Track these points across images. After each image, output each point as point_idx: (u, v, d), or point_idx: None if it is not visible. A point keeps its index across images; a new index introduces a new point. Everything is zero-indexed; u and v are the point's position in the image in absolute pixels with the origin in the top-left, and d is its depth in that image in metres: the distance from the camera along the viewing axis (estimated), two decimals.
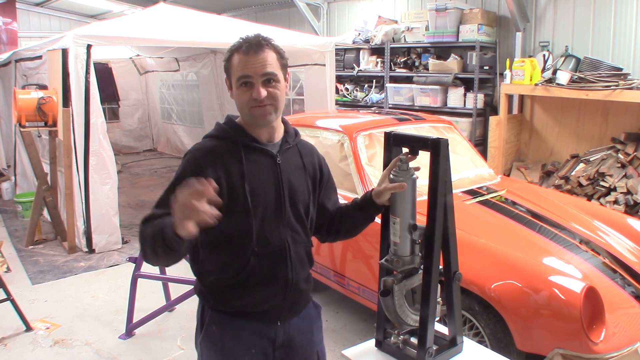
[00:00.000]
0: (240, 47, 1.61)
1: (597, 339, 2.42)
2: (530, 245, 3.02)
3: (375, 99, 7.25)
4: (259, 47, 1.59)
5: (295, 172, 1.73)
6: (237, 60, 1.60)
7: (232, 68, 1.62)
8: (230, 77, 1.64)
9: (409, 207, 1.69)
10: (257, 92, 1.58)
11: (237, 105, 1.65)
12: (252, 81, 1.58)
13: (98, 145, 4.96)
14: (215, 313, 1.69)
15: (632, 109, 5.18)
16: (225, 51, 1.68)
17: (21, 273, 4.64)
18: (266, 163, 1.67)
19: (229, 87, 1.68)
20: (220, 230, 1.56)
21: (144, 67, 10.53)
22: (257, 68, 1.57)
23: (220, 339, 1.68)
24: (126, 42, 6.67)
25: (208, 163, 1.60)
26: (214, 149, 1.65)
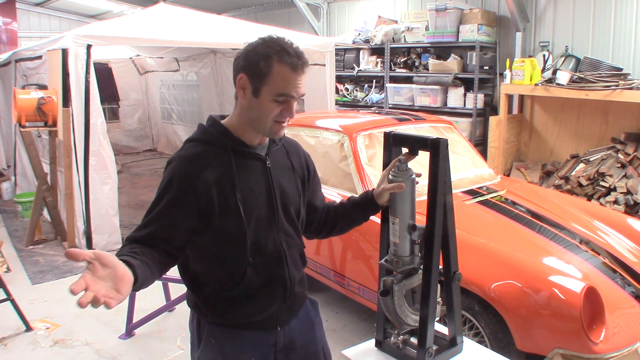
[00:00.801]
0: (286, 60, 1.47)
1: (597, 339, 2.42)
2: (530, 245, 3.02)
3: (375, 99, 7.25)
4: (304, 67, 1.50)
5: (285, 174, 1.68)
6: (282, 73, 1.47)
7: (270, 79, 1.47)
8: (260, 85, 1.49)
9: (408, 207, 1.69)
10: (292, 112, 1.53)
11: (256, 112, 1.52)
12: (289, 99, 1.51)
13: (98, 145, 4.96)
14: (212, 326, 1.63)
15: (632, 109, 5.18)
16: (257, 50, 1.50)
17: (21, 273, 4.64)
18: (256, 167, 1.60)
19: (244, 89, 1.52)
20: (213, 242, 1.55)
21: (144, 67, 10.53)
22: (298, 89, 1.50)
23: (221, 352, 1.62)
24: (126, 42, 6.67)
25: (196, 171, 1.51)
26: (201, 156, 1.54)
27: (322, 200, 1.86)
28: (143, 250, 1.44)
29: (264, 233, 1.60)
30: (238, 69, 1.53)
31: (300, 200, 1.72)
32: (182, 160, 1.54)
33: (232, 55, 8.70)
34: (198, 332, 1.66)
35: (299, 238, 1.73)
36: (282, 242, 1.64)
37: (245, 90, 1.52)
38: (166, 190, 1.51)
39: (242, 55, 1.53)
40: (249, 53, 1.51)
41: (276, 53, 1.47)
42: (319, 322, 1.86)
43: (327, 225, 1.86)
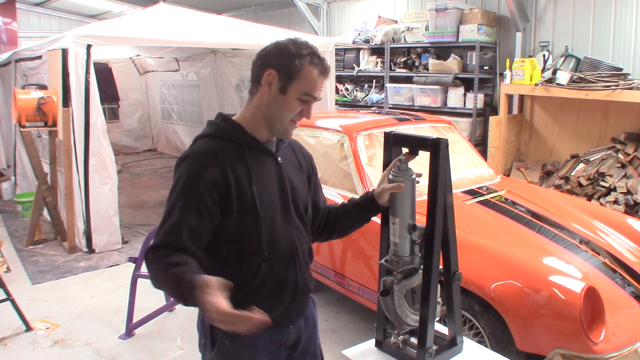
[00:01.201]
0: (316, 62, 1.53)
1: (597, 339, 2.42)
2: (530, 245, 3.02)
3: (375, 99, 7.25)
4: (328, 73, 1.58)
5: (293, 171, 1.70)
6: (312, 75, 1.53)
7: (300, 79, 1.52)
8: (289, 83, 1.53)
9: (408, 207, 1.69)
10: (309, 112, 1.59)
11: (278, 109, 1.55)
12: (310, 100, 1.56)
13: (98, 145, 4.96)
14: None
15: (632, 109, 5.18)
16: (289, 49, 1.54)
17: (21, 273, 4.64)
18: (268, 163, 1.63)
19: (269, 85, 1.54)
20: (230, 238, 1.55)
21: (144, 67, 10.52)
22: (320, 92, 1.57)
23: (235, 352, 1.63)
24: (126, 42, 6.67)
25: (214, 166, 1.51)
26: (217, 150, 1.55)
27: (324, 201, 1.87)
28: (193, 263, 1.44)
29: (278, 228, 1.61)
30: (265, 65, 1.55)
31: (308, 197, 1.75)
32: (199, 156, 1.54)
33: (232, 55, 8.75)
34: (211, 334, 1.66)
35: (308, 233, 1.74)
36: (294, 238, 1.65)
37: (271, 86, 1.55)
38: (187, 187, 1.50)
39: (272, 52, 1.56)
40: (280, 51, 1.54)
41: (308, 55, 1.53)
42: (316, 320, 1.87)
43: (328, 227, 1.86)
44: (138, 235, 5.55)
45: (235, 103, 8.50)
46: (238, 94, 8.40)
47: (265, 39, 6.76)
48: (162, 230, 1.50)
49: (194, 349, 3.41)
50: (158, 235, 1.50)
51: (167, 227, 1.49)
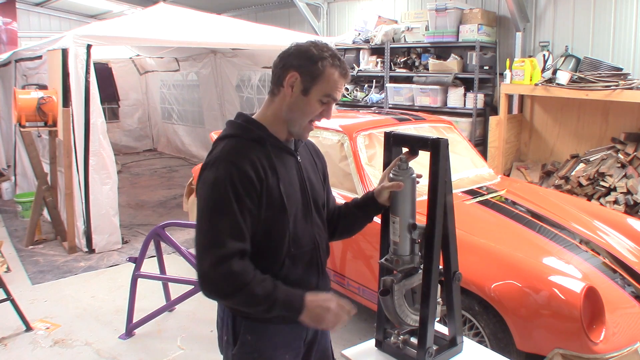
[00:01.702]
0: (337, 64, 1.57)
1: (597, 339, 2.42)
2: (530, 245, 3.02)
3: (375, 99, 7.25)
4: (349, 75, 1.63)
5: (311, 169, 1.76)
6: (334, 77, 1.57)
7: (322, 80, 1.56)
8: (311, 85, 1.56)
9: (408, 207, 1.69)
10: (330, 114, 1.63)
11: (299, 110, 1.58)
12: (330, 101, 1.60)
13: (98, 145, 4.96)
14: (250, 322, 1.64)
15: (632, 109, 5.17)
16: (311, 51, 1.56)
17: (21, 273, 4.64)
18: (290, 162, 1.66)
19: (292, 87, 1.57)
20: (258, 235, 1.57)
21: (144, 67, 10.53)
22: (340, 93, 1.61)
23: (257, 348, 1.65)
24: (126, 42, 6.68)
25: (246, 164, 1.52)
26: (246, 150, 1.56)
27: (333, 202, 1.91)
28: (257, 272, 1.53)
29: (301, 225, 1.65)
30: (288, 67, 1.57)
31: (324, 195, 1.81)
32: (230, 156, 1.53)
33: (232, 55, 8.74)
34: (234, 331, 1.67)
35: (326, 230, 1.79)
36: (315, 235, 1.70)
37: (294, 87, 1.57)
38: (227, 190, 1.48)
39: (294, 54, 1.58)
40: (302, 54, 1.57)
41: (330, 57, 1.57)
42: None
43: (331, 227, 1.86)
44: (138, 235, 5.55)
45: (235, 103, 8.50)
46: (238, 94, 8.40)
47: (265, 39, 6.73)
48: (212, 240, 1.48)
49: (193, 349, 3.43)
50: (210, 248, 1.48)
51: (225, 235, 1.48)
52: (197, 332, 3.63)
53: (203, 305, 3.93)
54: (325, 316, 1.52)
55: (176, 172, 8.92)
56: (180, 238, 5.27)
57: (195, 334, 3.61)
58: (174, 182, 8.19)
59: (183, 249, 3.57)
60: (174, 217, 5.72)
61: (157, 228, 3.56)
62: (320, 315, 1.52)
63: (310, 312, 1.51)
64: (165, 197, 7.28)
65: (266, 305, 1.50)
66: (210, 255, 1.47)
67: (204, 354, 3.38)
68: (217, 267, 1.46)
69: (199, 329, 3.68)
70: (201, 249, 1.50)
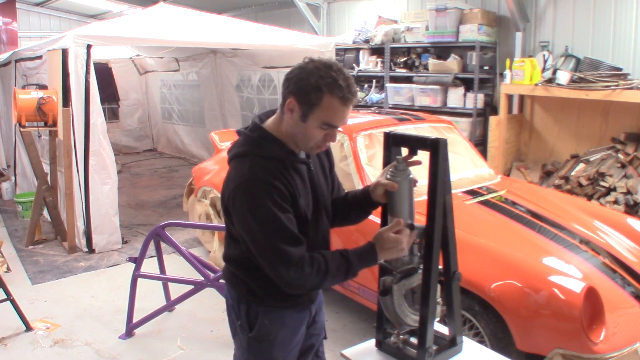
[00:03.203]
0: (337, 93, 1.54)
1: (597, 339, 2.42)
2: (530, 245, 3.02)
3: (375, 99, 7.25)
4: (353, 100, 1.59)
5: (321, 172, 1.83)
6: (331, 105, 1.56)
7: (320, 109, 1.56)
8: (309, 111, 1.57)
9: (406, 207, 1.69)
10: (334, 138, 1.65)
11: (301, 134, 1.62)
12: (333, 127, 1.62)
13: (98, 145, 4.96)
14: (266, 308, 1.78)
15: (632, 109, 5.17)
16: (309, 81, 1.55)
17: (21, 273, 4.64)
18: (303, 172, 1.72)
19: (292, 112, 1.60)
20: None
21: (144, 67, 10.52)
22: (343, 120, 1.61)
23: (272, 330, 1.79)
24: (126, 42, 6.67)
25: (278, 182, 1.60)
26: (271, 168, 1.61)
27: (337, 188, 1.96)
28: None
29: (314, 229, 1.75)
30: (288, 93, 1.60)
31: (331, 197, 1.88)
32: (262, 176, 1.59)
33: (232, 55, 8.74)
34: (248, 317, 1.80)
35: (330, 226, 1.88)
36: (325, 234, 1.83)
37: (293, 113, 1.61)
38: (270, 207, 1.56)
39: (295, 79, 1.58)
40: (301, 81, 1.57)
41: (327, 85, 1.54)
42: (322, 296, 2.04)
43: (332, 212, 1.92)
44: (138, 235, 5.55)
45: (235, 103, 8.50)
46: (238, 94, 8.40)
47: (265, 39, 6.72)
48: (278, 257, 1.59)
49: (193, 349, 3.43)
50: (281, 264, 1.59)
51: (279, 251, 1.58)
52: (197, 332, 3.63)
53: (203, 305, 3.94)
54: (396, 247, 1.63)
55: (176, 172, 8.92)
56: (180, 238, 5.27)
57: (195, 334, 3.61)
58: (174, 182, 8.19)
59: (183, 249, 3.57)
60: (174, 217, 5.72)
61: (157, 228, 3.56)
62: (392, 249, 1.64)
63: (384, 253, 1.64)
64: (165, 197, 7.28)
65: (350, 275, 1.66)
66: (283, 268, 1.60)
67: (204, 354, 3.38)
68: (295, 274, 1.59)
69: (199, 329, 3.68)
70: (273, 266, 1.61)
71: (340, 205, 1.90)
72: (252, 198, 1.58)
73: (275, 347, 1.81)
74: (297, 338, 1.87)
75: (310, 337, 1.96)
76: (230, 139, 5.30)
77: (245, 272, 1.78)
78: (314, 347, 2.01)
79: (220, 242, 4.54)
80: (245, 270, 1.77)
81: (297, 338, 1.87)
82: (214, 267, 3.59)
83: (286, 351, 1.84)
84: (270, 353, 1.82)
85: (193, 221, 4.99)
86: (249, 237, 1.62)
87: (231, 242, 1.80)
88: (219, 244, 4.54)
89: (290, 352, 1.87)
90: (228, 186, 1.66)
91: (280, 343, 1.82)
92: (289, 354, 1.86)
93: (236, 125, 8.08)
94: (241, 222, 1.62)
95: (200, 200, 4.83)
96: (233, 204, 1.62)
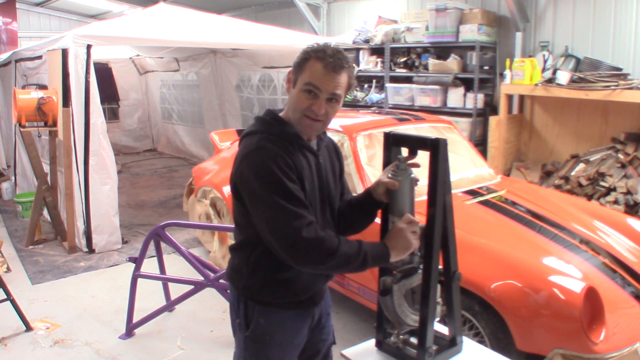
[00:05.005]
0: (322, 58, 1.62)
1: (597, 339, 2.42)
2: (530, 245, 3.02)
3: (375, 99, 7.25)
4: (339, 68, 1.62)
5: (330, 169, 1.82)
6: (314, 68, 1.62)
7: (305, 71, 1.63)
8: (298, 76, 1.65)
9: (407, 207, 1.70)
10: (318, 107, 1.64)
11: (291, 104, 1.67)
12: (318, 94, 1.62)
13: (98, 145, 4.96)
14: (263, 307, 1.77)
15: (632, 109, 5.17)
16: (302, 50, 1.68)
17: (21, 273, 4.64)
18: (311, 161, 1.73)
19: (290, 82, 1.69)
20: None
21: (144, 67, 10.52)
22: (328, 86, 1.62)
23: (269, 331, 1.77)
24: (126, 42, 6.68)
25: (283, 154, 1.61)
26: (279, 144, 1.64)
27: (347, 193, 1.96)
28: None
29: (318, 221, 1.71)
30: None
31: (338, 195, 1.88)
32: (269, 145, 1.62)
33: (232, 55, 8.74)
34: (245, 316, 1.79)
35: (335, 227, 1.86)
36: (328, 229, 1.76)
37: (290, 83, 1.70)
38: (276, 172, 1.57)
39: (298, 56, 1.69)
40: (299, 55, 1.68)
41: (314, 51, 1.64)
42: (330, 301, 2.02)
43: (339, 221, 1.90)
44: (138, 235, 5.55)
45: (235, 103, 8.50)
46: (238, 94, 8.40)
47: (265, 39, 6.71)
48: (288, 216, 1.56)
49: (194, 349, 3.43)
50: (291, 222, 1.55)
51: (289, 211, 1.56)
52: (197, 332, 3.63)
53: (203, 305, 3.94)
54: (409, 243, 1.64)
55: (176, 172, 8.92)
56: (180, 238, 5.27)
57: (195, 334, 3.61)
58: (174, 182, 8.19)
59: (183, 249, 3.57)
60: (174, 217, 5.72)
61: (157, 228, 3.56)
62: (405, 246, 1.64)
63: (397, 250, 1.64)
64: (165, 197, 7.28)
65: (359, 261, 1.61)
66: (293, 228, 1.55)
67: (204, 354, 3.38)
68: (306, 236, 1.54)
69: (199, 329, 3.68)
70: (281, 226, 1.56)
71: (345, 209, 1.89)
72: (258, 164, 1.60)
73: (272, 348, 1.79)
74: (296, 340, 1.84)
75: (316, 342, 1.94)
76: (230, 139, 5.30)
77: (248, 260, 1.75)
78: (320, 352, 1.98)
79: (220, 242, 4.54)
80: (248, 258, 1.74)
81: (297, 340, 1.84)
82: (214, 267, 3.60)
83: (284, 352, 1.82)
84: (265, 353, 1.80)
85: (193, 221, 4.99)
86: (257, 205, 1.61)
87: (238, 229, 1.79)
88: (219, 244, 4.54)
89: (289, 354, 1.84)
90: (236, 160, 1.68)
91: (277, 344, 1.79)
92: (287, 355, 1.83)
93: (236, 125, 8.08)
94: (247, 189, 1.62)
95: (200, 200, 4.83)
96: (240, 174, 1.63)
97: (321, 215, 1.76)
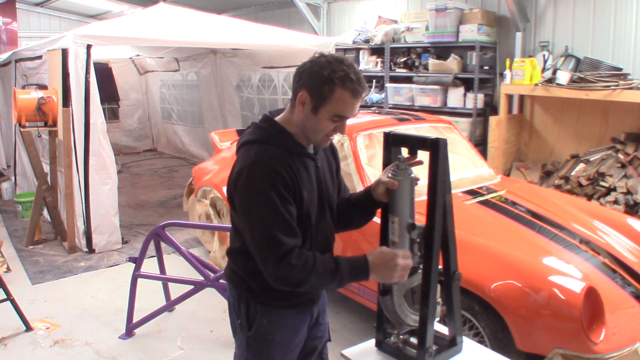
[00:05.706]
0: (348, 85, 1.58)
1: (597, 339, 2.42)
2: (530, 245, 3.02)
3: (375, 99, 7.25)
4: (363, 93, 1.63)
5: (328, 171, 1.83)
6: (342, 97, 1.59)
7: (332, 100, 1.59)
8: (321, 103, 1.60)
9: (407, 207, 1.69)
10: (344, 129, 1.67)
11: (311, 127, 1.65)
12: (343, 120, 1.65)
13: (98, 145, 4.96)
14: (265, 307, 1.78)
15: (632, 109, 5.18)
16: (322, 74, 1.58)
17: (21, 273, 4.64)
18: (310, 167, 1.73)
19: (303, 103, 1.62)
20: None
21: (144, 67, 10.52)
22: (353, 111, 1.64)
23: (271, 331, 1.79)
24: (126, 42, 6.67)
25: (282, 170, 1.61)
26: (278, 156, 1.63)
27: (344, 190, 1.96)
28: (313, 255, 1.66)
29: (317, 224, 1.75)
30: (299, 86, 1.63)
31: (335, 195, 1.88)
32: (266, 161, 1.62)
33: (232, 55, 8.74)
34: (247, 316, 1.80)
35: (335, 227, 1.88)
36: (328, 233, 1.82)
37: (304, 105, 1.63)
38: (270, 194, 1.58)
39: (307, 73, 1.61)
40: (314, 74, 1.59)
41: (339, 79, 1.57)
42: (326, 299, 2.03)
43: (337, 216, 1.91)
44: (138, 235, 5.55)
45: (235, 103, 8.50)
46: (238, 94, 8.40)
47: (265, 39, 6.70)
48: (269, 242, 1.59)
49: (194, 349, 3.43)
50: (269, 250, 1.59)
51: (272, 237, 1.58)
52: (197, 332, 3.63)
53: (203, 305, 3.94)
54: (393, 274, 1.62)
55: (176, 172, 8.92)
56: (180, 238, 5.27)
57: (195, 334, 3.61)
58: (174, 182, 8.19)
59: (183, 249, 3.57)
60: (174, 217, 5.72)
61: (157, 228, 3.56)
62: (388, 274, 1.63)
63: (377, 273, 1.63)
64: (165, 197, 7.27)
65: (336, 281, 1.64)
66: (271, 256, 1.59)
67: (204, 354, 3.38)
68: (280, 264, 1.58)
69: (199, 329, 3.68)
70: (261, 251, 1.62)
71: (343, 206, 1.90)
72: (253, 180, 1.60)
73: (274, 347, 1.81)
74: (297, 339, 1.86)
75: (313, 339, 1.95)
76: (230, 139, 5.30)
77: (245, 267, 1.77)
78: (317, 349, 2.00)
79: (220, 242, 4.54)
80: (245, 265, 1.76)
81: (298, 339, 1.86)
82: (214, 267, 3.59)
83: (285, 351, 1.84)
84: (268, 353, 1.81)
85: (193, 221, 4.99)
86: (244, 219, 1.64)
87: (235, 235, 1.80)
88: (219, 244, 4.54)
89: (290, 353, 1.86)
90: (233, 171, 1.68)
91: (279, 343, 1.81)
92: (289, 354, 1.85)
93: (236, 125, 8.08)
94: (240, 203, 1.64)
95: (200, 200, 4.83)
96: (235, 186, 1.64)
97: (321, 217, 1.76)
